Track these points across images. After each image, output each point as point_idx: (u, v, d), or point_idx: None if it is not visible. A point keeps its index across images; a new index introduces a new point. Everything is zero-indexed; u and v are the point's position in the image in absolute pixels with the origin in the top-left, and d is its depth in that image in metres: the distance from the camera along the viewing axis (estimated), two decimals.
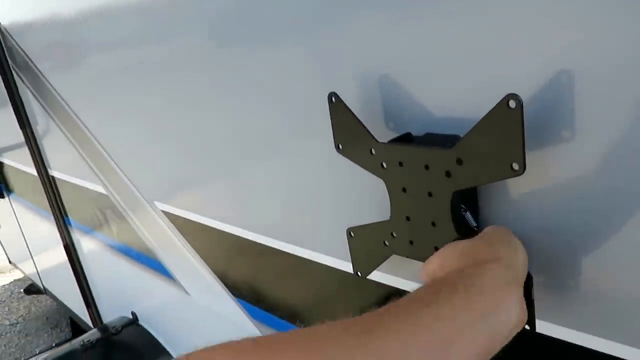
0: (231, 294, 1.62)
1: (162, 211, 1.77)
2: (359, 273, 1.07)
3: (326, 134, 0.97)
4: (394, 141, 0.90)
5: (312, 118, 1.02)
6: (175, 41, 1.39)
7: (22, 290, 5.00)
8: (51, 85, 2.15)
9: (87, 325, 3.04)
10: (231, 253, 1.56)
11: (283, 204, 1.28)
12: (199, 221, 1.61)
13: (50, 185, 2.61)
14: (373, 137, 0.90)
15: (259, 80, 1.17)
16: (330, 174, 1.09)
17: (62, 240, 2.76)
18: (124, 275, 2.34)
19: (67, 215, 2.67)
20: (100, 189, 2.13)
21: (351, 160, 0.96)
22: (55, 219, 2.71)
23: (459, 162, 0.78)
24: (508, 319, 0.66)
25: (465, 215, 0.85)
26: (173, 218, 1.74)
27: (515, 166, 0.70)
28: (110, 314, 2.71)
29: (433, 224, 0.87)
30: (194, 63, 1.35)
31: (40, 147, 2.55)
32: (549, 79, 0.69)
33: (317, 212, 1.17)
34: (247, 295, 1.57)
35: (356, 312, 0.59)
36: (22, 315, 4.87)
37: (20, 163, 2.96)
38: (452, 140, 0.80)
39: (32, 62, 2.22)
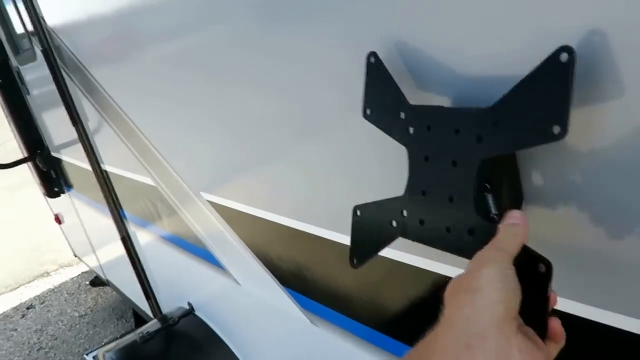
0: (280, 284, 1.61)
1: (208, 201, 1.77)
2: (354, 260, 1.02)
3: None
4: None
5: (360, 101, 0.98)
6: (219, 32, 1.38)
7: (88, 282, 5.15)
8: (98, 82, 2.17)
9: (148, 315, 3.10)
10: (278, 242, 1.54)
11: (331, 193, 1.25)
12: (244, 210, 1.60)
13: (104, 180, 2.65)
14: (406, 99, 0.86)
15: (301, 63, 1.15)
16: (383, 161, 1.05)
17: (119, 233, 2.81)
18: (178, 266, 2.36)
19: (122, 208, 2.71)
20: (149, 181, 2.15)
21: (377, 126, 0.92)
22: (111, 213, 2.76)
23: (494, 124, 0.72)
24: None
25: (487, 197, 0.78)
26: (219, 208, 1.73)
27: (556, 129, 0.62)
28: (168, 305, 2.74)
29: (451, 199, 0.80)
30: (238, 52, 1.34)
31: (92, 143, 2.59)
32: (593, 33, 0.62)
33: (367, 200, 1.13)
34: (296, 284, 1.55)
35: (408, 302, 0.57)
36: (90, 307, 5.01)
37: (76, 159, 3.02)
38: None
39: (79, 61, 2.25)
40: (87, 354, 3.05)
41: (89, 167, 2.70)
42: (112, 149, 2.43)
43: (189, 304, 2.47)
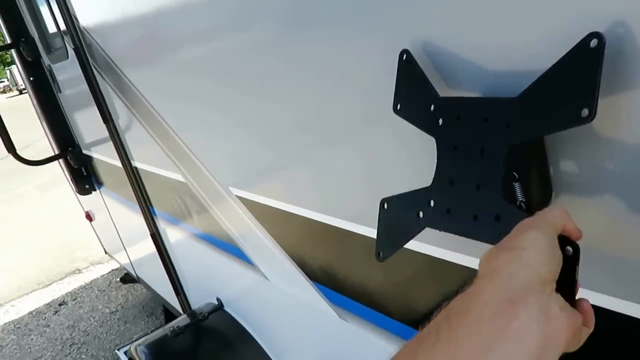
0: (308, 278, 1.61)
1: (237, 196, 1.78)
2: (380, 254, 1.03)
3: None
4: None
5: (386, 96, 0.99)
6: (246, 32, 1.40)
7: (118, 279, 5.21)
8: (129, 80, 2.20)
9: (178, 312, 3.12)
10: (307, 237, 1.55)
11: (360, 187, 1.25)
12: (273, 205, 1.61)
13: (134, 176, 2.68)
14: (436, 92, 0.89)
15: (327, 61, 1.16)
16: (410, 156, 1.06)
17: (149, 229, 2.83)
18: (207, 262, 2.38)
19: (151, 205, 2.74)
20: (179, 177, 2.16)
21: (407, 119, 0.95)
22: (141, 209, 2.78)
23: (523, 111, 0.73)
24: (519, 347, 0.53)
25: (515, 185, 0.79)
26: (247, 203, 1.74)
27: (584, 112, 0.64)
28: (198, 301, 2.76)
29: (478, 187, 0.82)
30: (266, 51, 1.35)
31: (123, 140, 2.62)
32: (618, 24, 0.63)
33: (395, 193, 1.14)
34: (324, 279, 1.56)
35: (439, 296, 0.57)
36: (120, 304, 5.06)
37: (107, 156, 3.05)
38: None
39: (110, 59, 2.28)
40: (118, 350, 3.09)
41: (120, 164, 2.73)
42: (142, 146, 2.46)
43: (218, 299, 2.49)
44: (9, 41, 3.37)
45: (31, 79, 3.42)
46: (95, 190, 3.77)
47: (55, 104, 3.49)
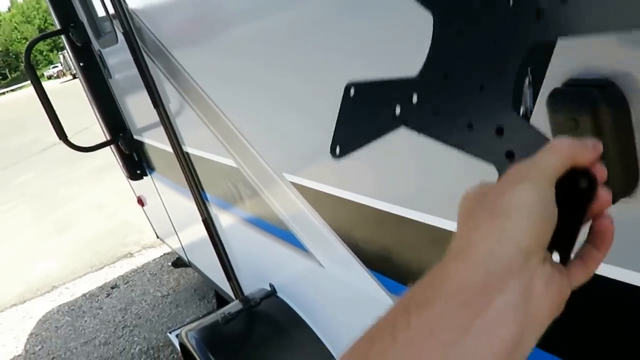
0: (365, 266, 1.57)
1: (291, 182, 1.74)
2: (337, 150, 0.87)
3: None
4: None
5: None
6: (302, 13, 1.35)
7: (170, 263, 5.25)
8: (179, 64, 2.17)
9: (230, 297, 3.11)
10: (364, 224, 1.50)
11: (421, 173, 1.19)
12: (329, 192, 1.56)
13: (185, 162, 2.66)
14: None
15: (385, 41, 1.10)
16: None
17: (201, 215, 2.81)
18: (260, 248, 2.36)
19: (203, 190, 2.72)
20: (231, 162, 2.13)
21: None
22: (192, 194, 2.77)
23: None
24: (487, 341, 0.45)
25: (526, 91, 0.61)
26: (302, 189, 1.70)
27: None
28: (250, 286, 2.74)
29: (481, 87, 0.64)
30: (323, 34, 1.30)
31: (174, 125, 2.60)
32: None
33: (455, 181, 1.08)
34: (383, 267, 1.51)
35: None
36: (172, 288, 5.11)
37: (158, 141, 3.04)
38: None
39: (161, 42, 2.25)
40: (170, 332, 3.10)
41: (171, 150, 2.71)
42: (193, 131, 2.44)
43: (271, 285, 2.46)
44: (58, 27, 3.37)
45: (81, 64, 3.41)
46: (146, 175, 3.78)
47: (106, 90, 3.49)
